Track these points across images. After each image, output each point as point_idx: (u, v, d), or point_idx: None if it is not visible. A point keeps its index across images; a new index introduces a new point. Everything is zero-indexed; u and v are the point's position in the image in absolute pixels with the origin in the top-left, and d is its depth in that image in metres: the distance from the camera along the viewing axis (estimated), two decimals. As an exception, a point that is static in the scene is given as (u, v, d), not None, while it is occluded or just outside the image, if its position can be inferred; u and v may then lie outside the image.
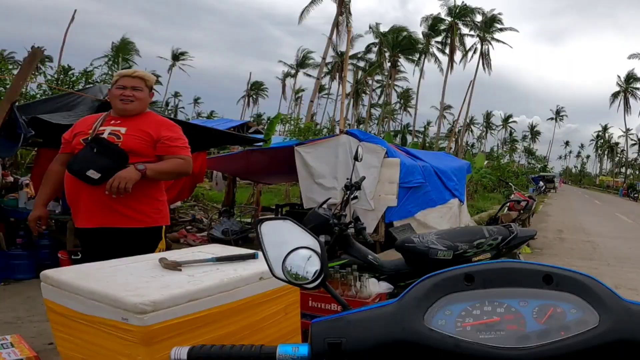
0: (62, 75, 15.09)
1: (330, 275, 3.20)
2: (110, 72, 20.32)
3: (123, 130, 3.09)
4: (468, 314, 0.83)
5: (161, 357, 1.68)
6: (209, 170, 11.35)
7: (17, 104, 5.37)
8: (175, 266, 2.05)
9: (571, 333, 0.79)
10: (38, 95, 12.72)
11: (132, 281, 1.87)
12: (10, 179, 8.62)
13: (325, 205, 4.25)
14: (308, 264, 1.03)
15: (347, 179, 4.39)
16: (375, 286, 3.42)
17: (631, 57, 69.13)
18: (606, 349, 0.78)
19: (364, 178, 4.61)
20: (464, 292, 0.86)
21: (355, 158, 4.28)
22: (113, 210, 3.01)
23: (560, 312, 0.82)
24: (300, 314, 2.48)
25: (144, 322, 1.63)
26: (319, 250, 1.04)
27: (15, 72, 12.72)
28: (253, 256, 2.28)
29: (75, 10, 28.09)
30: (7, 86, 9.87)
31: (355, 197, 4.50)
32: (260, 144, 10.50)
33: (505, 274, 0.87)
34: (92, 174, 2.93)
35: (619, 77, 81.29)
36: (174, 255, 2.32)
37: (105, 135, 3.05)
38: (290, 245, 1.05)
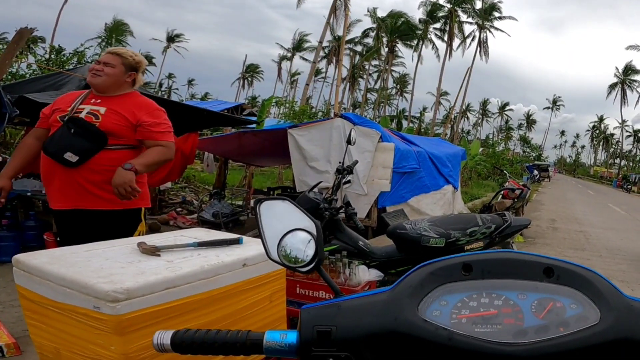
0: (52, 56, 14.90)
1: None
2: (102, 53, 20.04)
3: (102, 110, 2.97)
4: (464, 305, 0.81)
5: (136, 347, 1.59)
6: (200, 151, 11.25)
7: (2, 83, 5.25)
8: (153, 251, 1.95)
9: (570, 330, 0.76)
10: (27, 76, 12.55)
11: (106, 267, 1.76)
12: (-1, 158, 8.48)
13: (316, 189, 4.16)
14: (303, 246, 1.00)
15: (340, 162, 4.30)
16: (365, 273, 3.33)
17: (629, 48, 69.01)
18: (606, 347, 0.75)
19: (356, 162, 4.52)
20: (461, 282, 0.84)
21: (348, 142, 4.19)
22: (88, 191, 2.90)
23: (559, 306, 0.79)
24: (286, 301, 2.39)
25: (117, 311, 1.53)
26: (315, 233, 1.01)
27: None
28: (237, 241, 2.18)
29: (70, -10, 27.77)
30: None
31: (348, 182, 4.42)
32: (253, 125, 10.40)
33: (505, 264, 0.85)
34: (70, 156, 2.83)
35: (616, 68, 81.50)
36: (154, 239, 2.22)
37: (83, 114, 2.93)
38: (288, 226, 1.02)
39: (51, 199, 3.04)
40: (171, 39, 77.84)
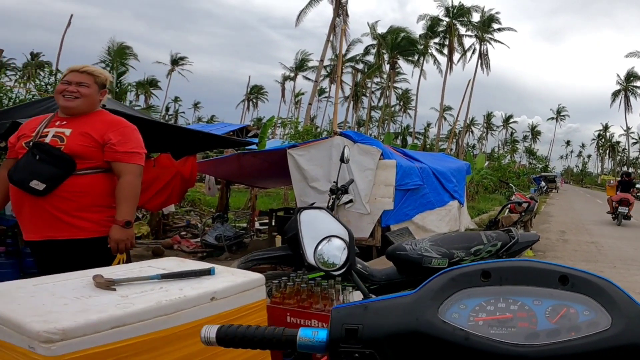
0: (53, 79, 14.86)
1: (309, 289, 2.91)
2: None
3: (67, 132, 2.79)
4: (482, 309, 0.85)
5: (75, 388, 1.41)
6: (201, 174, 11.11)
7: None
8: (108, 285, 1.74)
9: (581, 334, 0.78)
10: (27, 100, 12.50)
11: (48, 304, 1.57)
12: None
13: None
14: (337, 252, 1.12)
15: (334, 182, 4.10)
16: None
17: (629, 55, 68.80)
18: (616, 352, 0.77)
19: (352, 181, 4.34)
20: (480, 288, 0.88)
21: (342, 159, 3.99)
22: (59, 220, 2.72)
23: (573, 312, 0.82)
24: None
25: (52, 352, 1.37)
26: (348, 240, 1.13)
27: (14, 77, 12.58)
28: (208, 272, 1.97)
29: (72, 15, 28.01)
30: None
31: (351, 201, 4.24)
32: (254, 147, 10.24)
33: (522, 272, 0.88)
34: (36, 184, 2.65)
35: (618, 75, 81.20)
36: (117, 271, 2.01)
37: (48, 138, 2.76)
38: (324, 233, 1.15)
39: (23, 229, 2.87)
40: (175, 61, 78.35)
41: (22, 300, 1.60)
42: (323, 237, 1.12)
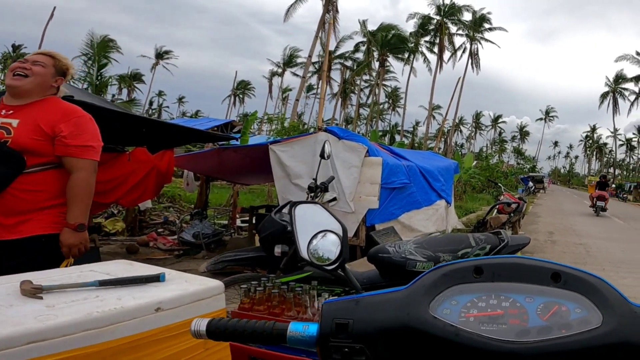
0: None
1: (281, 295, 2.67)
2: (87, 71, 19.76)
3: (15, 122, 2.50)
4: (473, 305, 0.85)
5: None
6: (179, 169, 10.88)
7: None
8: (34, 293, 1.49)
9: (572, 332, 0.78)
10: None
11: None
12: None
13: (285, 210, 3.70)
14: (331, 246, 1.13)
15: (313, 179, 3.86)
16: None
17: (618, 59, 69.10)
18: (606, 350, 0.77)
19: (332, 178, 4.11)
20: (472, 284, 0.87)
21: (322, 155, 3.74)
22: (7, 220, 2.45)
23: (564, 310, 0.81)
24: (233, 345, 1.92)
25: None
26: (341, 234, 1.14)
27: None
28: (157, 278, 1.71)
29: (55, 7, 27.60)
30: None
31: (334, 199, 4.01)
32: (236, 142, 10.01)
33: (515, 269, 0.88)
34: None
35: (607, 77, 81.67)
36: (53, 275, 1.76)
37: None
38: (317, 227, 1.16)
39: None
40: (160, 55, 77.78)
41: None
42: (317, 231, 1.12)
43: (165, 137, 7.09)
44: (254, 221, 8.88)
